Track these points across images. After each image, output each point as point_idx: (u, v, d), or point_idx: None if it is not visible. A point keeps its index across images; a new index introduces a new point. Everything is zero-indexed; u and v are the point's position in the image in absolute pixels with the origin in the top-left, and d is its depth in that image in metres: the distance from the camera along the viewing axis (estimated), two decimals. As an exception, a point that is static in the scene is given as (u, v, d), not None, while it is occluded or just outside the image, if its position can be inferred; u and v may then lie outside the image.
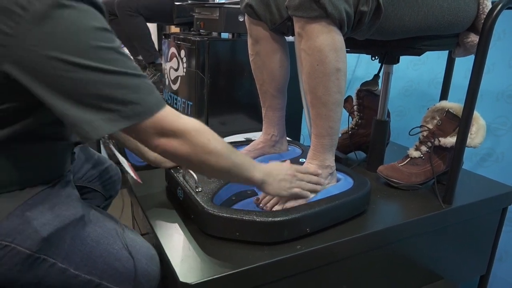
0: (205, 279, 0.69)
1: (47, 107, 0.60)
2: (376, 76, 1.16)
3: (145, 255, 0.78)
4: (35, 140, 0.71)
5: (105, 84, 0.59)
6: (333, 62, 0.81)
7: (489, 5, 0.95)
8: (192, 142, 0.67)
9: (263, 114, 1.12)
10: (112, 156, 1.07)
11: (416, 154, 1.11)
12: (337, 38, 0.80)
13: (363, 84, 1.22)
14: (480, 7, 0.96)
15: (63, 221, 0.71)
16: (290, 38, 1.07)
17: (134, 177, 0.92)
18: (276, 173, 0.83)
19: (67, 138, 0.80)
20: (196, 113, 1.45)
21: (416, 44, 0.97)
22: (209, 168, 0.72)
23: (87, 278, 0.72)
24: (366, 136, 1.30)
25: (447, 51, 1.28)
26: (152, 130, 0.65)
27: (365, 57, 1.78)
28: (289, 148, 1.19)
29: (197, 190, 0.88)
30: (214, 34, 1.58)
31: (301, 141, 1.79)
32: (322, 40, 0.79)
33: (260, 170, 0.80)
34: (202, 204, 0.81)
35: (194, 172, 0.89)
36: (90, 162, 1.06)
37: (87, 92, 0.58)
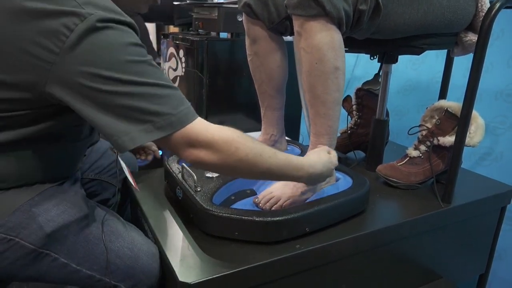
0: (205, 279, 0.69)
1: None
2: (377, 75, 1.16)
3: (146, 252, 0.79)
4: (53, 140, 0.73)
5: (139, 95, 0.61)
6: (332, 60, 0.81)
7: (487, 4, 0.95)
8: (219, 152, 0.67)
9: (262, 114, 1.12)
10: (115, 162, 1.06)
11: (415, 153, 1.11)
12: (335, 37, 0.80)
13: (364, 84, 1.22)
14: (479, 5, 0.96)
15: (68, 219, 0.72)
16: (288, 38, 1.06)
17: (133, 184, 0.93)
18: (320, 168, 0.82)
19: (85, 139, 0.82)
20: (195, 113, 1.45)
21: (416, 43, 0.97)
22: (243, 173, 0.75)
23: (87, 274, 0.74)
24: (365, 136, 1.30)
25: (445, 50, 1.28)
26: (182, 141, 0.66)
27: (364, 57, 1.78)
28: (288, 148, 1.19)
29: (196, 189, 0.88)
30: (213, 33, 1.58)
31: (300, 141, 1.79)
32: (321, 38, 0.79)
33: (302, 169, 0.78)
34: (202, 203, 0.81)
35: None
36: (97, 152, 1.06)
37: (122, 104, 0.60)
